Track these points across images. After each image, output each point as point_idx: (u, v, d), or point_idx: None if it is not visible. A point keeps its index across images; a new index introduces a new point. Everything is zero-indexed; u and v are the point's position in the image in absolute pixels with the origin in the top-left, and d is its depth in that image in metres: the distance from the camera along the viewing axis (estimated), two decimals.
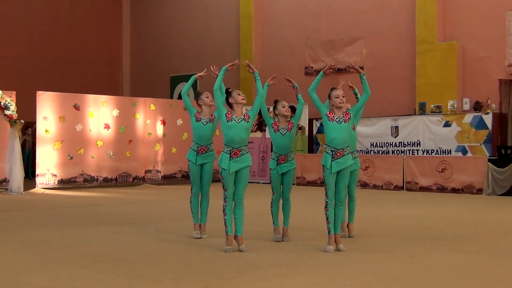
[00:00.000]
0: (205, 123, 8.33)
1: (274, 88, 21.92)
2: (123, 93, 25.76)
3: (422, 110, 17.30)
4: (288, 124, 8.35)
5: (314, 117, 18.87)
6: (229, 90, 7.60)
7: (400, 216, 11.01)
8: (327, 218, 7.36)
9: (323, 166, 7.41)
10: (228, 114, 7.40)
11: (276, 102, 8.62)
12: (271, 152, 8.37)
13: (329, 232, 7.38)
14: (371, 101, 19.05)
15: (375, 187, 16.75)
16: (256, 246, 7.82)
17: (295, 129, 8.40)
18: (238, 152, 7.29)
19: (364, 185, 16.90)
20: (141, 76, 25.98)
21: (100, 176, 17.28)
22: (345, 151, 7.38)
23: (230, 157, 7.29)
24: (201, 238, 8.39)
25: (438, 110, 17.00)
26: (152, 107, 18.32)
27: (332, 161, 7.36)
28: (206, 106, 8.47)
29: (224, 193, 7.34)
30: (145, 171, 18.19)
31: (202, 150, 8.34)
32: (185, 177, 18.80)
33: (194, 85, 12.39)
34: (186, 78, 23.78)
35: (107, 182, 17.46)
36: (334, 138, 7.39)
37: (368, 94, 7.68)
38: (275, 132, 8.25)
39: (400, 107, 18.12)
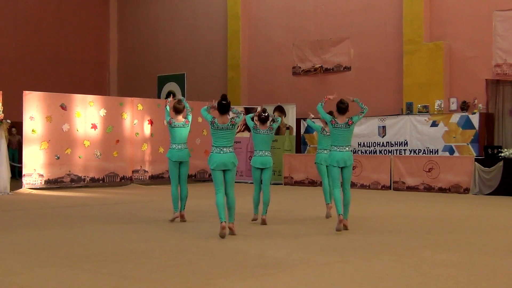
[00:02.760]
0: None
1: (262, 88, 21.81)
2: (110, 93, 25.66)
3: (409, 110, 17.36)
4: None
5: (301, 117, 18.88)
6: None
7: (387, 216, 11.04)
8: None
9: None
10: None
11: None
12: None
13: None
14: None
15: (362, 186, 16.79)
16: (243, 245, 7.83)
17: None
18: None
19: (352, 184, 16.75)
20: (128, 76, 25.90)
21: (87, 176, 17.22)
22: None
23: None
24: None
25: (425, 110, 17.06)
26: (140, 107, 18.27)
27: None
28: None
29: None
30: (133, 171, 18.14)
31: None
32: None
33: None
34: (173, 78, 23.77)
35: (94, 182, 17.40)
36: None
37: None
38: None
39: (387, 107, 18.17)
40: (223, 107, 8.56)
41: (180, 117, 10.18)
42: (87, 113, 17.21)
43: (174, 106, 10.17)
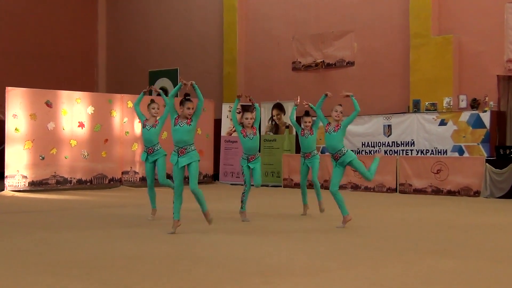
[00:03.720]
0: (148, 129, 11.00)
1: (260, 84, 21.82)
2: (99, 89, 25.66)
3: (416, 107, 17.38)
4: (253, 129, 10.64)
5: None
6: (186, 98, 9.27)
7: (393, 220, 11.05)
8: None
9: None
10: (176, 119, 9.14)
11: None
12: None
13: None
14: (362, 98, 19.15)
15: (366, 189, 16.80)
16: (240, 251, 7.82)
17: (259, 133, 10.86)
18: (184, 150, 9.05)
19: (355, 187, 16.95)
20: (118, 71, 25.90)
21: (74, 178, 17.21)
22: (340, 154, 9.88)
23: (178, 155, 9.06)
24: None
25: (433, 108, 17.08)
26: (130, 104, 18.26)
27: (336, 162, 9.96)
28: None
29: (173, 184, 9.25)
30: (122, 173, 18.14)
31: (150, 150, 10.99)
32: None
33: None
34: (165, 73, 23.76)
35: (81, 184, 17.39)
36: (328, 146, 9.99)
37: (357, 111, 9.88)
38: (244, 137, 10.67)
39: (393, 104, 18.19)
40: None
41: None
42: (74, 111, 17.21)
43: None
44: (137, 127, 18.37)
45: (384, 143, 17.63)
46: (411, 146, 17.19)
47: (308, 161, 11.50)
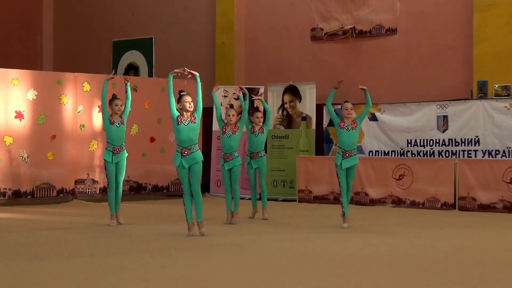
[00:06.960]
0: (118, 126, 13.56)
1: (267, 59, 21.77)
2: (43, 66, 25.67)
3: (482, 92, 17.35)
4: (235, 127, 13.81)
5: (324, 103, 18.85)
6: (181, 94, 12.00)
7: (450, 248, 11.02)
8: (341, 203, 13.05)
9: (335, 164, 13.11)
10: (178, 118, 11.75)
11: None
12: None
13: (343, 214, 13.02)
14: (407, 79, 19.04)
15: (413, 204, 16.74)
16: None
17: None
18: (187, 150, 11.68)
19: (398, 201, 16.90)
20: (69, 41, 25.88)
21: (10, 189, 17.20)
22: (352, 153, 13.01)
23: (181, 155, 11.67)
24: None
25: (505, 93, 17.04)
26: (86, 86, 18.25)
27: (342, 159, 12.99)
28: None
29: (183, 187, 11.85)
30: (76, 182, 18.12)
31: (117, 150, 13.71)
32: (133, 190, 18.77)
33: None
34: (135, 44, 23.75)
35: (19, 198, 17.37)
36: (344, 142, 13.04)
37: (369, 106, 13.28)
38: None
39: (450, 88, 18.15)
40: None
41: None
42: (9, 96, 17.20)
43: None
44: (97, 119, 18.33)
45: (437, 141, 17.58)
46: (475, 145, 17.15)
47: (255, 162, 14.53)
